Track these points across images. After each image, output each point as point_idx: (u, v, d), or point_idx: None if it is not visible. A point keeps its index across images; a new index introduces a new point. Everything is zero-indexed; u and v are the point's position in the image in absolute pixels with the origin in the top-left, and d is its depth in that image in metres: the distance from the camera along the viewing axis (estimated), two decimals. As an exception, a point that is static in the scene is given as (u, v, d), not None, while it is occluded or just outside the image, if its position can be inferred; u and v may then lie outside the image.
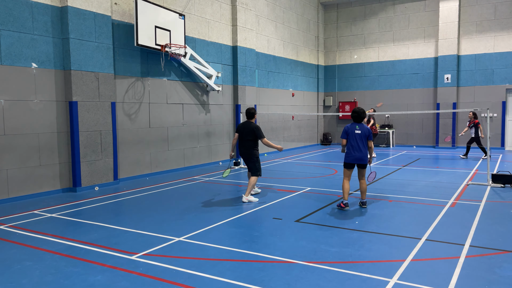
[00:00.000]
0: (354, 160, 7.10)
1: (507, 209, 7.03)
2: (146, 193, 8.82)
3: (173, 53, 10.99)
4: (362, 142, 7.07)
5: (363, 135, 7.08)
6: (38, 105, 8.38)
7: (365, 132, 7.08)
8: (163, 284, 4.14)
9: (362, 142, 7.06)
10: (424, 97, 18.37)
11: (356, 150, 7.06)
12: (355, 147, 7.07)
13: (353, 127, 7.15)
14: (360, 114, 7.14)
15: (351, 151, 7.11)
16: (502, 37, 16.64)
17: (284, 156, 15.42)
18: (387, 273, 4.33)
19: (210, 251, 5.09)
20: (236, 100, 14.18)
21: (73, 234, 5.86)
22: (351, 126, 7.21)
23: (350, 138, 7.13)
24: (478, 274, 4.31)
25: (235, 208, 7.46)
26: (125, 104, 10.22)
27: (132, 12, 10.21)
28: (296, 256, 4.85)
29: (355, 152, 7.07)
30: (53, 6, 8.58)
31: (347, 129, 7.19)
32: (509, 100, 16.87)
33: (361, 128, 7.09)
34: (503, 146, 16.94)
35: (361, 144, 7.05)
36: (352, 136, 7.10)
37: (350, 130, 7.15)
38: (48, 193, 8.57)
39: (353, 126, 7.17)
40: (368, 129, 7.10)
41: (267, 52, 16.12)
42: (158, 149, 11.25)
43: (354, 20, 19.80)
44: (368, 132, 7.09)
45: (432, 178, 10.32)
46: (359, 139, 7.07)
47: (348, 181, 7.22)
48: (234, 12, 13.92)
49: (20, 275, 4.42)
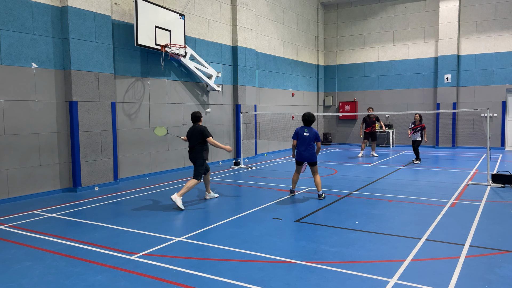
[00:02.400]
0: (302, 159, 8.04)
1: (507, 209, 7.03)
2: (146, 193, 8.82)
3: (173, 53, 10.99)
4: (310, 143, 7.93)
5: (311, 137, 7.92)
6: (38, 105, 8.38)
7: (312, 135, 7.93)
8: (163, 284, 4.14)
9: (309, 143, 7.93)
10: (424, 97, 18.37)
11: (304, 150, 7.97)
12: (303, 147, 7.96)
13: (302, 130, 8.02)
14: (310, 118, 8.03)
15: (300, 151, 8.01)
16: (502, 37, 16.64)
17: (284, 156, 15.42)
18: (387, 273, 4.34)
19: (210, 251, 5.09)
20: (236, 100, 14.18)
21: (73, 234, 5.86)
22: (300, 129, 8.06)
23: (299, 140, 8.01)
24: (478, 274, 4.31)
25: (235, 208, 7.46)
26: (125, 104, 10.22)
27: (132, 12, 10.21)
28: (296, 256, 4.85)
29: (304, 152, 7.97)
30: (53, 6, 8.58)
31: (297, 132, 8.07)
32: (509, 100, 16.87)
33: (309, 131, 7.96)
34: (503, 146, 16.94)
35: (309, 145, 7.93)
36: (301, 138, 7.98)
37: (300, 132, 8.03)
38: (48, 193, 8.57)
39: (302, 129, 8.03)
40: (316, 132, 7.98)
41: (267, 52, 16.12)
42: (158, 149, 11.25)
43: (354, 20, 19.80)
44: (315, 135, 7.94)
45: (432, 178, 10.32)
46: (307, 140, 7.92)
47: (297, 174, 8.30)
48: (234, 12, 13.92)
49: (20, 275, 4.42)
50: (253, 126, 14.99)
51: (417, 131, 13.16)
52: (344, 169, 11.95)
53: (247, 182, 10.09)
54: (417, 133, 13.17)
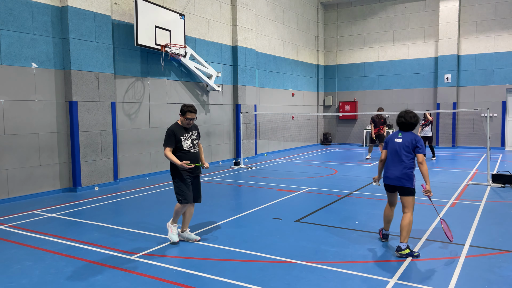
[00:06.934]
0: (390, 182, 5.35)
1: (507, 209, 7.03)
2: (146, 193, 8.82)
3: (173, 53, 10.99)
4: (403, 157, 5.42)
5: (407, 145, 5.21)
6: (38, 105, 8.37)
7: (408, 141, 5.17)
8: (163, 284, 4.14)
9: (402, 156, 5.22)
10: (424, 97, 18.37)
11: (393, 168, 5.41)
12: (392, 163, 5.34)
13: (395, 136, 5.57)
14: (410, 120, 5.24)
15: (389, 169, 5.35)
16: (502, 37, 16.63)
17: (284, 156, 15.42)
18: (387, 273, 4.33)
19: (210, 251, 5.08)
20: (236, 100, 14.18)
21: (73, 234, 5.86)
22: (392, 136, 5.76)
23: (389, 151, 5.65)
24: (478, 274, 4.31)
25: (235, 208, 7.46)
26: (125, 104, 10.22)
27: (132, 12, 10.20)
28: (296, 256, 4.85)
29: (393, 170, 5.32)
30: (53, 6, 8.58)
31: (387, 141, 5.72)
32: (509, 100, 16.86)
33: (403, 137, 5.25)
34: (503, 146, 16.93)
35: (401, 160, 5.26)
36: (392, 148, 5.37)
37: (390, 140, 5.65)
38: (48, 193, 8.57)
39: (394, 136, 5.66)
40: (415, 139, 5.24)
41: (267, 52, 16.11)
42: (158, 149, 11.24)
43: (354, 20, 19.79)
44: (414, 143, 5.37)
45: (432, 178, 10.30)
46: (399, 151, 5.30)
47: (390, 208, 5.51)
48: (234, 12, 13.92)
49: (20, 275, 4.42)
50: (253, 126, 14.99)
51: (427, 126, 13.65)
52: (344, 169, 11.95)
53: (247, 182, 10.09)
54: (427, 127, 13.65)
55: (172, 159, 5.21)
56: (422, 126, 13.83)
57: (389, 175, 5.17)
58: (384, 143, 5.68)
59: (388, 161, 5.25)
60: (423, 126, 13.79)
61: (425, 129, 13.74)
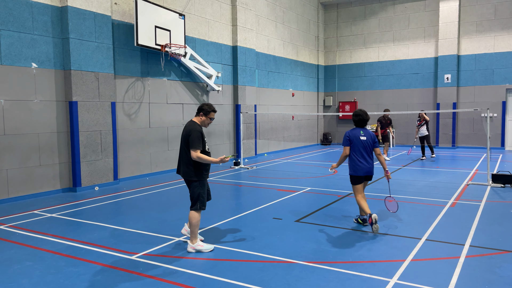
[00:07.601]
0: (365, 173, 6.15)
1: (507, 209, 7.03)
2: (146, 193, 8.82)
3: (173, 53, 10.99)
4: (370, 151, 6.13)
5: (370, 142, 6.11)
6: (38, 105, 8.37)
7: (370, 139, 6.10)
8: (163, 284, 4.14)
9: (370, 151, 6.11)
10: (424, 97, 18.37)
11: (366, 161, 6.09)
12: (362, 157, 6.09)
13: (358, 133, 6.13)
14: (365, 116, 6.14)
15: (361, 161, 6.07)
16: (502, 37, 16.64)
17: (284, 156, 15.42)
18: (387, 273, 4.33)
19: (210, 251, 5.08)
20: (236, 100, 14.18)
21: (73, 234, 5.86)
22: (353, 132, 6.18)
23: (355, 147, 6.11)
24: (478, 274, 4.31)
25: (235, 208, 7.46)
26: (125, 104, 10.22)
27: (132, 12, 10.20)
28: (296, 256, 4.85)
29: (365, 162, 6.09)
30: (53, 6, 8.58)
31: (349, 136, 6.17)
32: (509, 100, 16.86)
33: (366, 134, 6.09)
34: (503, 146, 16.93)
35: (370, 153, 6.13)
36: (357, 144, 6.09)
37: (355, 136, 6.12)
38: (48, 193, 8.57)
39: (356, 132, 6.16)
40: (373, 135, 6.15)
41: (267, 52, 16.11)
42: (158, 149, 11.24)
43: (354, 20, 19.79)
44: (373, 138, 6.14)
45: (432, 178, 10.32)
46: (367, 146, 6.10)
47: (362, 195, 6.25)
48: (234, 12, 13.92)
49: (20, 275, 4.42)
50: (253, 126, 14.99)
51: (422, 125, 13.84)
52: (344, 169, 11.93)
53: (247, 182, 10.09)
54: (423, 127, 13.84)
55: (208, 159, 4.95)
56: (418, 126, 14.00)
57: (363, 167, 6.05)
58: (346, 140, 6.17)
59: (357, 156, 6.08)
60: (419, 126, 13.96)
61: (421, 129, 13.93)
